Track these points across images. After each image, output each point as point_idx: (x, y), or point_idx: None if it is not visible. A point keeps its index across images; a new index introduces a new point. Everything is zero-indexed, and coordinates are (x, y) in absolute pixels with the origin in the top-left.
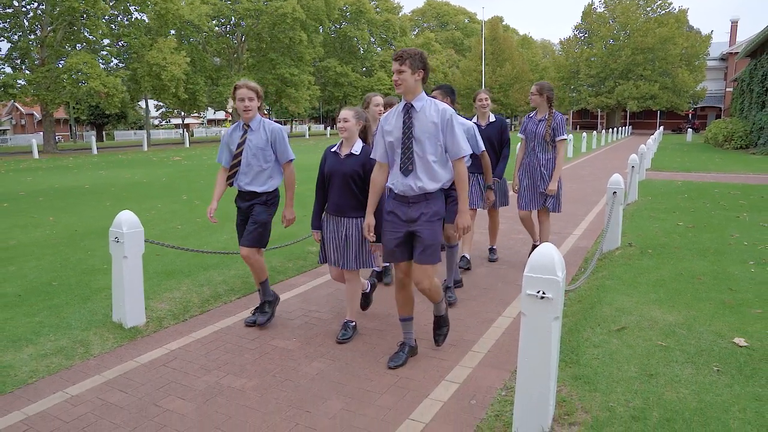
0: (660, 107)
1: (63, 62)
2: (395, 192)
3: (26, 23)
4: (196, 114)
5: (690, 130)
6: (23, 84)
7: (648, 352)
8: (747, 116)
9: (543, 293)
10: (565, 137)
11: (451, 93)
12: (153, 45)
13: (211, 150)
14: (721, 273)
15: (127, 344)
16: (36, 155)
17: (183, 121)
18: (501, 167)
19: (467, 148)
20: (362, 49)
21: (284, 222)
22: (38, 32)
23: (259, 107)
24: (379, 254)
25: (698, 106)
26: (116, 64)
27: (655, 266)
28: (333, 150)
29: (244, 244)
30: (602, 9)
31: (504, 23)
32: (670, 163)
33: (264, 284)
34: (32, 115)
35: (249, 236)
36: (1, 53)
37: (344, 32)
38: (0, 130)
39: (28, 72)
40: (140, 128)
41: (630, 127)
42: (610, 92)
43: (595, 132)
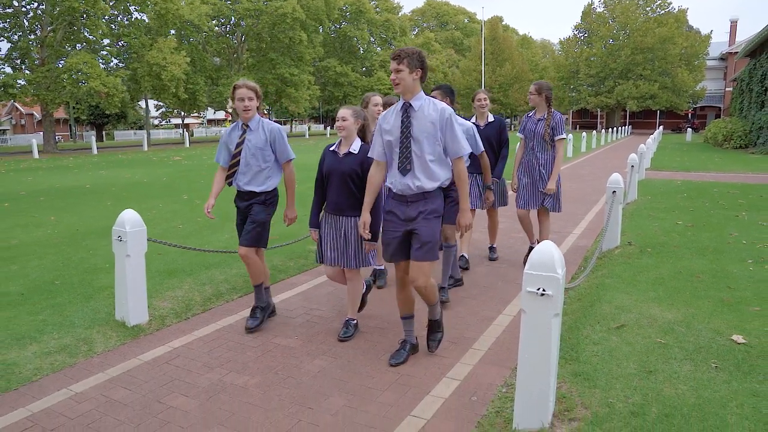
0: (659, 107)
1: (63, 62)
2: (394, 191)
3: (26, 23)
4: (196, 114)
5: (689, 130)
6: (23, 84)
7: (647, 349)
8: (746, 116)
9: (543, 290)
10: (564, 136)
11: (451, 93)
12: (153, 45)
13: (211, 150)
14: (720, 271)
15: (130, 342)
16: (36, 155)
17: (183, 121)
18: (500, 167)
19: (467, 147)
20: (362, 49)
21: (286, 221)
22: (38, 32)
23: (259, 107)
24: (376, 252)
25: (698, 106)
26: (116, 64)
27: (655, 265)
28: (331, 149)
29: (243, 244)
30: (602, 9)
31: (504, 23)
32: (670, 163)
33: (259, 288)
34: (32, 115)
35: (247, 235)
36: (1, 53)
37: (344, 32)
38: (0, 130)
39: (28, 72)
40: (140, 128)
41: (629, 127)
42: (610, 92)
43: (595, 132)
